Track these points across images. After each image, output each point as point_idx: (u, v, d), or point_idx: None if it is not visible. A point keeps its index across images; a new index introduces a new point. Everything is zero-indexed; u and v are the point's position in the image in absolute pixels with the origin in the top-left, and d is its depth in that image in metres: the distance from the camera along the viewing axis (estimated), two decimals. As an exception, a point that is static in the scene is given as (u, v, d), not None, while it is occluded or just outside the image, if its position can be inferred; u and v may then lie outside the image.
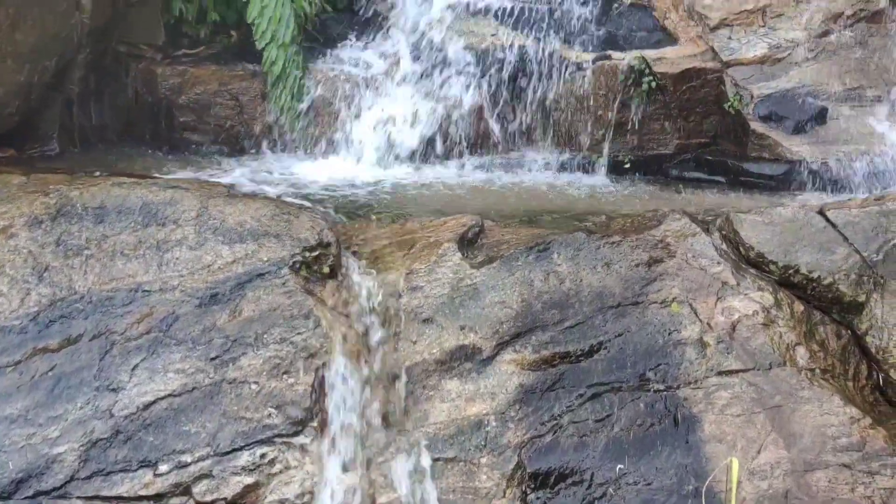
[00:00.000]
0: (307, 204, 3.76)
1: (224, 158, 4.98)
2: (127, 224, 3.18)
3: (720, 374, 3.08)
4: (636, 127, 5.15)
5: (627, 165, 5.17)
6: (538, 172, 5.15)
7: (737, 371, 3.09)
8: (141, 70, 5.05)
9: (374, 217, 3.91)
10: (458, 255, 3.34)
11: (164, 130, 5.10)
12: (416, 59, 5.32)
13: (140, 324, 2.96)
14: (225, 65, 5.12)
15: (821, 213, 3.50)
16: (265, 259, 3.16)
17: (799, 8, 5.03)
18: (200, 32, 5.23)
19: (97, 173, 3.55)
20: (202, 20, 5.22)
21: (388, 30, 5.51)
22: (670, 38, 5.24)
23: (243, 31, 5.21)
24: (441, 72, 5.25)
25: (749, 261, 3.41)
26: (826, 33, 4.97)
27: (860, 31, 4.94)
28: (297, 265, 3.18)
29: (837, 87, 4.81)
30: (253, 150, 5.09)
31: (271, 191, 4.20)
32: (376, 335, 3.12)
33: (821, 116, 4.72)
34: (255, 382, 2.90)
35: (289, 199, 3.90)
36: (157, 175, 3.85)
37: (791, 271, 3.33)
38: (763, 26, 5.04)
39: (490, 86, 5.21)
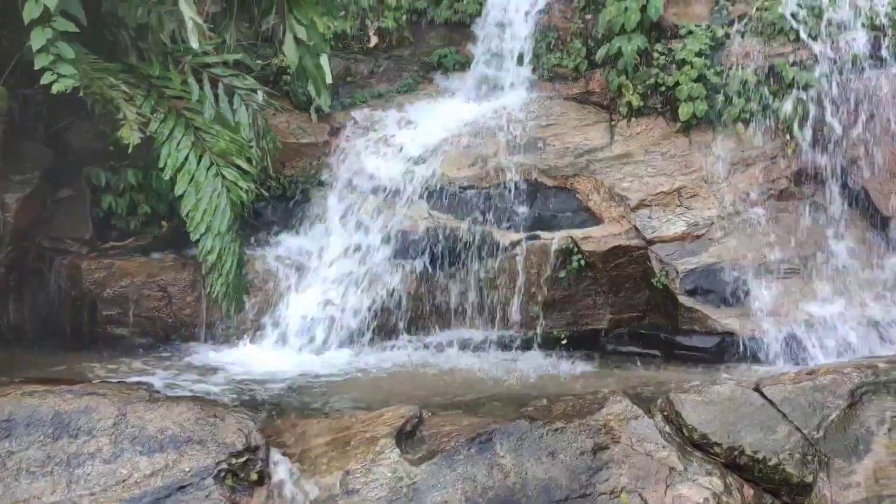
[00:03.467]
0: (235, 401, 3.59)
1: (150, 352, 4.79)
2: (36, 437, 2.94)
3: (678, 571, 2.91)
4: (569, 303, 5.24)
5: (564, 341, 5.19)
6: (475, 352, 5.11)
7: (695, 568, 2.92)
8: (65, 265, 4.94)
9: (306, 412, 3.73)
10: (397, 451, 3.17)
11: (86, 325, 4.93)
12: (348, 243, 5.37)
13: (41, 555, 2.66)
14: (154, 256, 5.07)
15: (757, 389, 3.50)
16: (187, 469, 2.93)
17: (711, 188, 5.35)
18: (130, 224, 5.21)
19: (7, 381, 3.32)
20: (133, 212, 5.21)
21: (321, 215, 5.61)
22: (595, 218, 5.45)
23: (175, 221, 5.21)
24: (373, 255, 5.30)
25: (693, 443, 3.35)
26: (738, 210, 5.26)
27: (770, 207, 5.25)
28: (223, 474, 2.96)
29: (755, 261, 5.02)
30: (181, 342, 4.93)
31: (199, 387, 4.02)
32: (309, 549, 2.87)
33: (743, 289, 4.89)
34: None
35: (216, 397, 3.73)
36: (74, 378, 3.63)
37: (736, 453, 3.27)
38: (680, 206, 5.31)
39: (423, 267, 5.28)
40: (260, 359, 4.72)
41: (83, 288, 4.91)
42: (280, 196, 5.66)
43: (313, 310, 5.03)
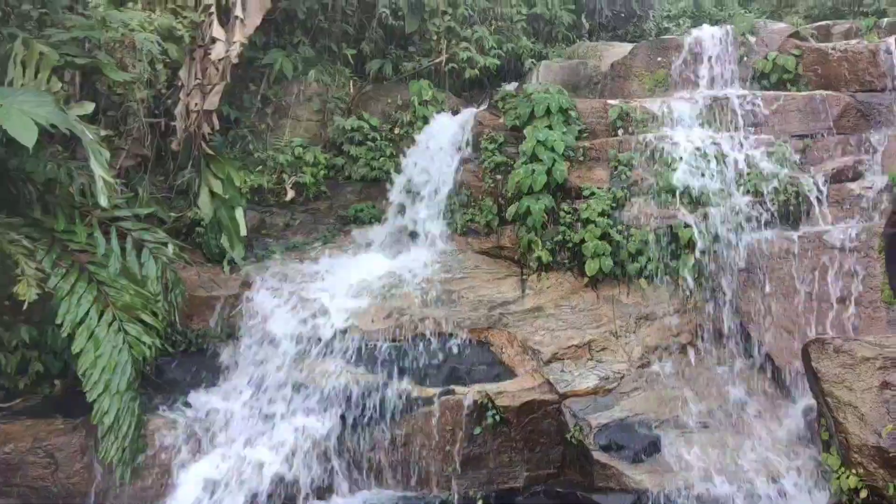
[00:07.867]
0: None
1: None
2: None
3: None
4: (485, 461, 5.11)
5: (480, 503, 5.02)
6: (389, 517, 4.88)
7: None
8: (-59, 429, 4.54)
9: None
10: None
11: (-41, 497, 4.48)
12: (256, 401, 5.16)
13: None
14: (42, 418, 4.72)
15: (673, 556, 3.44)
16: None
17: (619, 342, 5.48)
18: (19, 384, 4.89)
19: None
20: (23, 371, 4.90)
21: (229, 372, 5.40)
22: (509, 371, 5.46)
23: (69, 379, 4.92)
24: (283, 414, 5.09)
25: None
26: (647, 364, 5.39)
27: (675, 361, 5.40)
28: None
29: (665, 415, 5.08)
30: (67, 515, 4.53)
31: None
32: None
33: (654, 445, 4.90)
34: None
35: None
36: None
37: None
38: (591, 359, 5.39)
39: (335, 426, 5.08)
40: (154, 533, 4.36)
41: (-39, 451, 4.51)
42: (186, 351, 5.45)
43: (215, 475, 4.71)
